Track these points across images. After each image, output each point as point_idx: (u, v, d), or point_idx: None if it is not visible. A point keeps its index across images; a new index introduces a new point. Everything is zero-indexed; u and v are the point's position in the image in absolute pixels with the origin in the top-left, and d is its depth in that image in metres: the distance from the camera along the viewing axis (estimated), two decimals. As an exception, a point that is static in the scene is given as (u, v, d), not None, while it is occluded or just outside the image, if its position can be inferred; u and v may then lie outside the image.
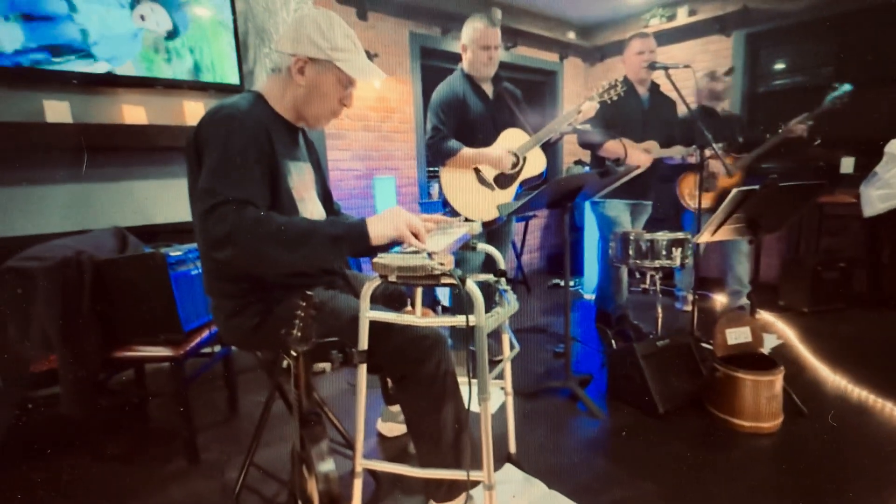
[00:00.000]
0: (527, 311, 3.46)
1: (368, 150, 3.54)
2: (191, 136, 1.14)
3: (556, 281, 4.21)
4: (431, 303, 3.45)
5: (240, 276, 1.19)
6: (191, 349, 1.65)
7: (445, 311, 3.15)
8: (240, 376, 2.28)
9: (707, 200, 2.80)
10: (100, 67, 2.13)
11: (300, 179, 1.31)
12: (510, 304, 1.25)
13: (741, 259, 2.88)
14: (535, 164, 2.24)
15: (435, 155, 2.23)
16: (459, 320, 1.02)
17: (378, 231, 1.09)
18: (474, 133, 2.23)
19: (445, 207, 2.28)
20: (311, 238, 1.05)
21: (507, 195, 2.21)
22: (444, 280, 0.99)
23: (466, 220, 1.50)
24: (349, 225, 1.09)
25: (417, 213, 1.40)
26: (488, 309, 1.05)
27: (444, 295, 3.36)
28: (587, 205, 3.16)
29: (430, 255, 0.99)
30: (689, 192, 2.87)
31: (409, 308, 1.50)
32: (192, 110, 2.46)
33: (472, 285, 1.00)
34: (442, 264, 0.97)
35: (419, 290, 1.39)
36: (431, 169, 3.86)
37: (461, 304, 0.99)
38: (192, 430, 1.69)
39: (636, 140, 2.49)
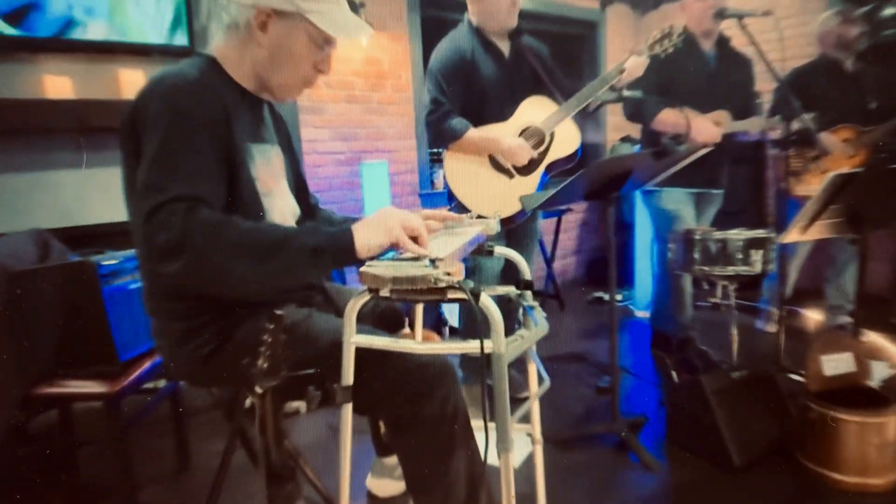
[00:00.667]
0: (561, 334, 3.48)
1: (354, 128, 3.58)
2: (126, 116, 1.13)
3: (598, 294, 4.24)
4: (436, 324, 3.46)
5: (190, 292, 1.20)
6: (129, 384, 1.66)
7: (454, 334, 3.16)
8: (192, 419, 2.30)
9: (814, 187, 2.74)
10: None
11: (266, 167, 1.32)
12: (538, 324, 1.25)
13: (843, 264, 2.86)
14: (567, 141, 2.25)
15: (435, 135, 2.25)
16: (472, 346, 1.02)
17: (367, 240, 1.10)
18: (486, 104, 2.24)
19: (451, 201, 2.29)
20: (283, 249, 1.06)
21: (531, 183, 2.22)
22: (452, 294, 1.00)
23: (479, 217, 1.50)
24: (331, 235, 1.10)
25: (417, 208, 1.41)
26: (509, 331, 1.06)
27: (452, 313, 3.37)
28: (638, 195, 3.16)
29: (433, 262, 1.00)
30: (796, 177, 2.79)
31: (406, 331, 1.50)
32: (130, 81, 2.50)
33: (487, 300, 1.00)
34: (449, 274, 0.97)
35: (420, 308, 1.39)
36: (435, 151, 3.88)
37: (474, 325, 1.00)
38: (132, 487, 1.70)
39: (700, 109, 2.48)
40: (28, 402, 1.62)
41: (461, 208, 2.21)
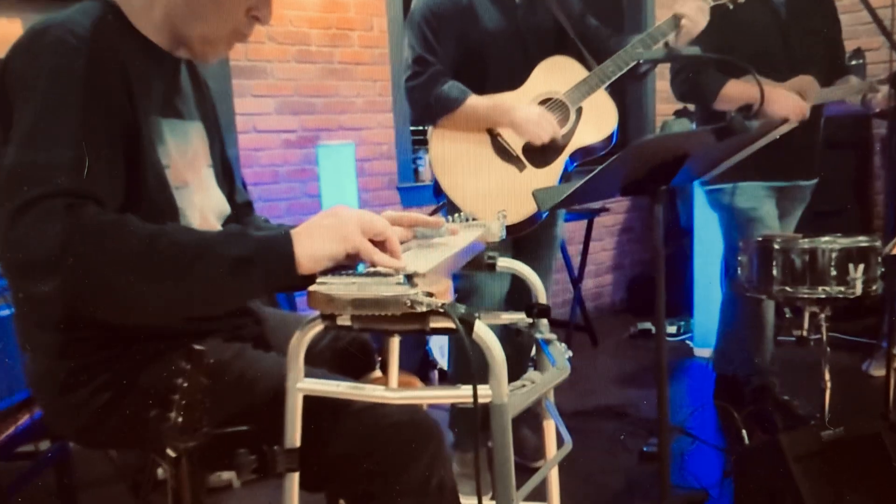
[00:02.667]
0: (592, 379, 3.48)
1: (308, 97, 3.61)
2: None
3: (643, 326, 4.28)
4: (421, 366, 3.46)
5: (76, 320, 1.20)
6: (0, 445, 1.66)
7: (446, 380, 3.15)
8: (84, 492, 2.29)
9: None
10: None
11: (182, 151, 1.32)
12: (557, 365, 1.26)
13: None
14: (599, 120, 2.27)
15: (419, 106, 2.25)
16: (463, 395, 1.03)
17: (313, 249, 1.09)
18: (488, 66, 2.26)
19: (440, 198, 2.30)
20: (198, 262, 1.05)
21: (548, 176, 2.24)
22: (435, 323, 1.00)
23: (474, 219, 1.52)
24: (263, 241, 1.09)
25: (395, 207, 1.43)
26: (516, 373, 1.07)
27: (444, 353, 3.37)
28: (700, 191, 3.18)
29: (409, 278, 1.01)
30: None
31: (376, 374, 1.50)
32: (2, 33, 2.51)
33: (484, 331, 1.01)
34: (431, 295, 0.98)
35: (395, 343, 1.40)
36: (420, 129, 3.91)
37: (467, 365, 1.01)
38: None
39: (775, 77, 2.51)
40: None
41: (453, 208, 2.21)
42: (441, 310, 0.96)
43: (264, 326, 1.50)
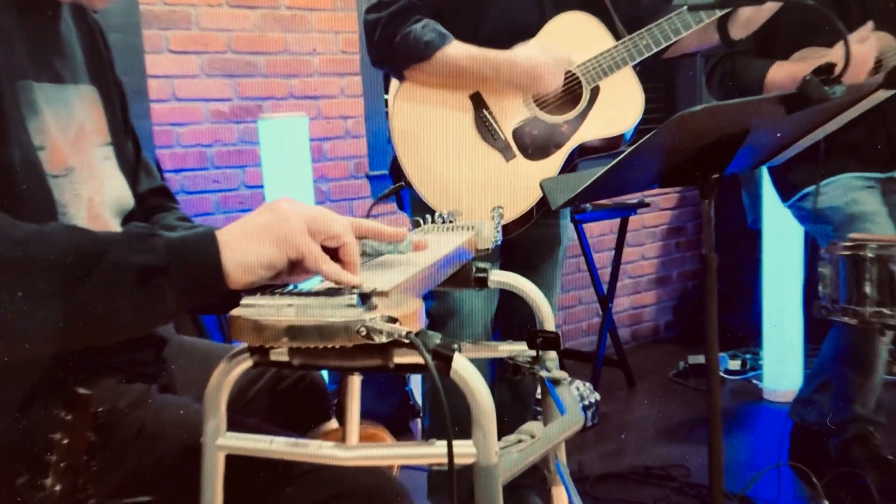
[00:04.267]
0: (626, 431, 3.49)
1: (246, 54, 3.62)
2: None
3: (696, 359, 4.29)
4: (397, 413, 3.45)
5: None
6: None
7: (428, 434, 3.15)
8: None
9: None
10: None
11: (62, 126, 1.32)
12: (567, 413, 1.26)
13: None
14: (618, 108, 2.28)
15: (378, 46, 2.23)
16: (436, 452, 1.03)
17: (243, 253, 1.09)
18: (485, 10, 2.27)
19: (408, 192, 2.29)
20: (89, 273, 1.06)
21: (543, 172, 2.25)
22: (401, 358, 1.01)
23: (450, 220, 1.52)
24: (177, 244, 1.10)
25: (367, 204, 1.42)
26: (508, 425, 1.06)
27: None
28: (768, 181, 3.19)
29: (365, 298, 1.01)
30: None
31: (332, 424, 1.51)
32: None
33: (465, 368, 1.01)
34: (394, 321, 0.98)
35: (354, 384, 1.40)
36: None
37: (441, 413, 1.01)
38: None
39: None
40: None
41: (420, 206, 2.21)
42: (406, 339, 0.95)
43: (177, 362, 1.49)
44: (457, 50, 2.19)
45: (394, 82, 2.30)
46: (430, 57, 2.19)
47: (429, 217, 1.51)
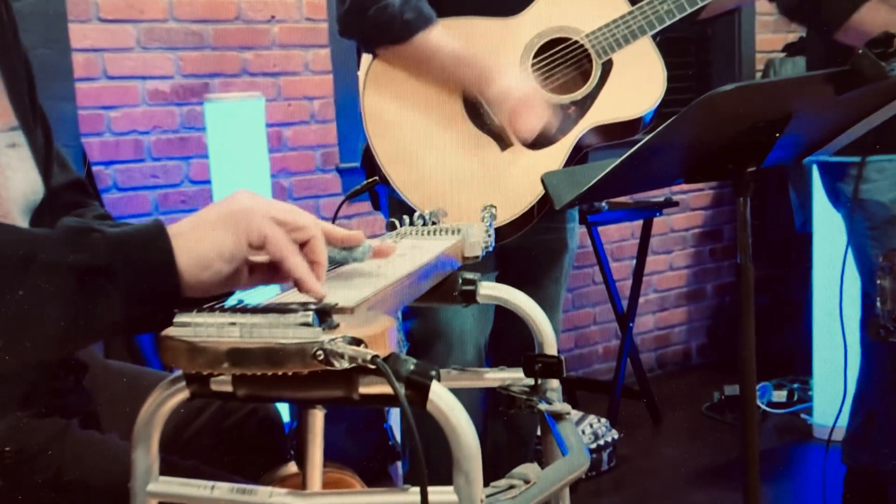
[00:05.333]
0: (650, 474, 3.50)
1: (190, 22, 3.62)
2: None
3: (732, 391, 4.28)
4: (375, 452, 3.44)
5: None
6: None
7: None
8: None
9: None
10: None
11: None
12: (569, 454, 1.27)
13: None
14: (635, 86, 2.29)
15: (353, 22, 2.23)
16: (409, 501, 1.03)
17: (197, 245, 1.11)
18: None
19: (366, 175, 2.30)
20: (22, 275, 1.06)
21: (545, 162, 2.25)
22: (368, 388, 1.01)
23: (433, 221, 1.52)
24: (120, 239, 1.10)
25: (337, 202, 1.42)
26: (505, 468, 1.07)
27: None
28: (817, 177, 3.20)
29: (322, 315, 1.01)
30: None
31: (290, 468, 1.51)
32: None
33: (444, 400, 1.01)
34: (358, 342, 0.98)
35: (316, 419, 1.40)
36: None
37: (415, 454, 1.02)
38: None
39: None
40: None
41: (398, 204, 2.22)
42: (372, 365, 0.95)
43: (103, 392, 1.50)
44: (439, 40, 2.21)
45: (365, 56, 2.30)
46: (406, 40, 2.19)
47: (406, 218, 1.50)
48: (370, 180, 2.25)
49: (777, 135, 1.83)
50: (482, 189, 2.22)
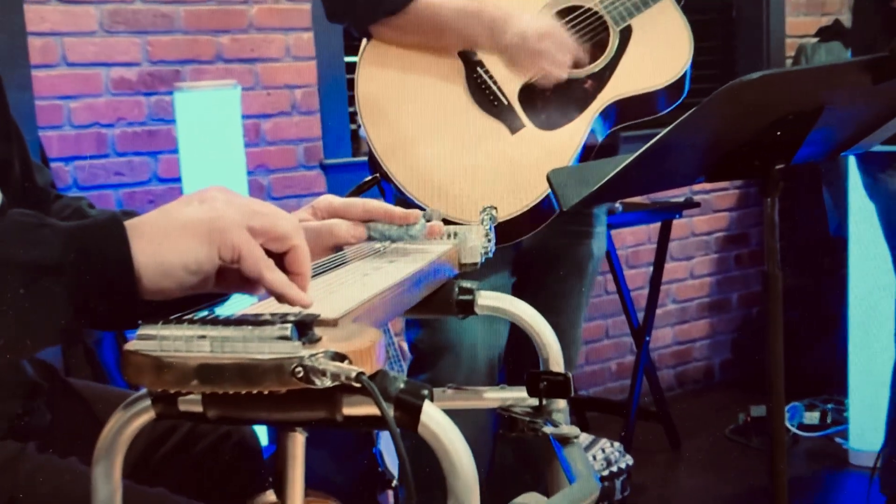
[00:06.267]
0: (670, 500, 3.50)
1: (158, 3, 3.61)
2: None
3: (758, 412, 4.27)
4: (363, 479, 3.44)
5: None
6: None
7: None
8: None
9: None
10: None
11: None
12: (577, 481, 1.27)
13: None
14: (659, 53, 2.30)
15: (343, 3, 2.26)
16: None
17: (160, 250, 1.10)
18: None
19: (371, 170, 2.29)
20: None
21: (562, 144, 2.25)
22: (352, 409, 1.01)
23: (431, 218, 1.52)
24: (74, 234, 1.09)
25: (321, 198, 1.42)
26: (502, 494, 1.07)
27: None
28: (855, 172, 3.21)
29: (301, 327, 1.01)
30: None
31: (267, 497, 1.52)
32: None
33: (438, 423, 1.01)
34: (342, 357, 0.99)
35: (296, 442, 1.41)
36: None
37: (419, 478, 1.02)
38: None
39: None
40: None
41: (401, 201, 2.20)
42: (357, 383, 0.96)
43: (62, 412, 1.51)
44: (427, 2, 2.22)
45: (363, 41, 2.30)
46: (402, 8, 2.20)
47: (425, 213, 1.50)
48: (369, 178, 2.25)
49: (808, 129, 1.84)
50: (493, 178, 2.21)
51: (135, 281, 1.09)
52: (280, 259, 1.14)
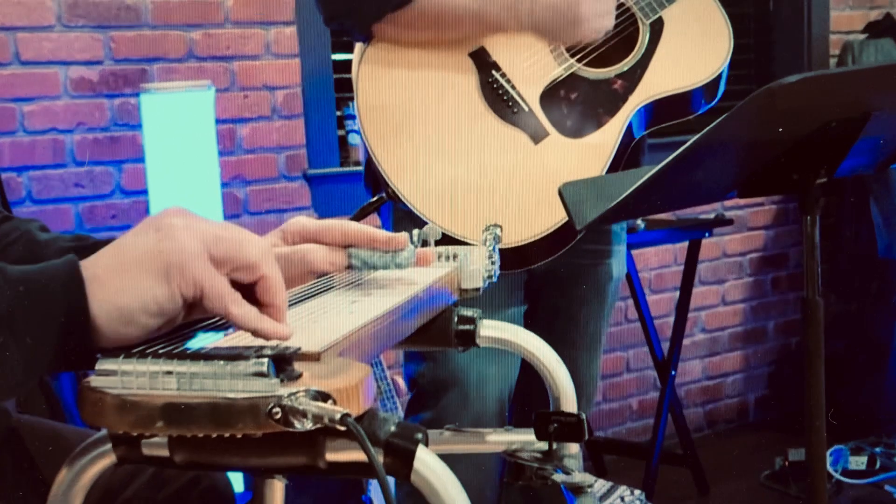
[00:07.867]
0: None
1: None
2: None
3: (798, 455, 4.24)
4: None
5: None
6: None
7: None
8: None
9: None
10: None
11: None
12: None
13: None
14: (694, 48, 2.31)
15: (342, 2, 2.26)
16: None
17: (117, 292, 1.10)
18: None
19: (372, 191, 2.28)
20: None
21: (591, 153, 2.26)
22: (336, 454, 1.01)
23: (432, 240, 1.52)
24: (24, 279, 1.10)
25: (309, 216, 1.43)
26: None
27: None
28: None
29: (280, 362, 1.01)
30: None
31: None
32: None
33: (433, 470, 1.02)
34: (325, 396, 0.99)
35: (274, 490, 1.42)
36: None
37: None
38: None
39: None
40: None
41: (407, 218, 2.21)
42: (342, 426, 0.95)
43: (13, 454, 1.51)
44: None
45: (357, 47, 2.30)
46: (409, 2, 2.21)
47: (416, 232, 1.49)
48: (376, 199, 2.26)
49: (854, 138, 1.84)
50: (513, 193, 2.21)
51: (89, 331, 1.09)
52: (250, 290, 1.14)
